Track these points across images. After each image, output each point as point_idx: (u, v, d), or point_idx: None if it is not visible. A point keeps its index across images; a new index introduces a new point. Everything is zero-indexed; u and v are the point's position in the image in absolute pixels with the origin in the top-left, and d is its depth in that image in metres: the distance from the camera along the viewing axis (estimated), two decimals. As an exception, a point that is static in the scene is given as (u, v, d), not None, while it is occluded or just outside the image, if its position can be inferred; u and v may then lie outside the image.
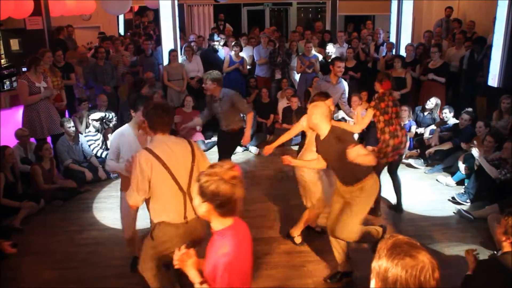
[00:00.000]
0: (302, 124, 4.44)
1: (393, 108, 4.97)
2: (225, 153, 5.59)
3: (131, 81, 7.85)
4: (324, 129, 3.57)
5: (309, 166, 4.15)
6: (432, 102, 7.27)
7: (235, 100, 5.25)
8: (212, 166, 2.06)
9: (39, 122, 6.23)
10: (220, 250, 2.00)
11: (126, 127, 3.88)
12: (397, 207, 5.40)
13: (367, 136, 7.54)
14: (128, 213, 3.89)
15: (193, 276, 2.13)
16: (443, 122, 7.09)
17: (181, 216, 3.05)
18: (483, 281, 2.64)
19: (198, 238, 3.17)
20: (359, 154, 3.24)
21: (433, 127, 7.18)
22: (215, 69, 5.68)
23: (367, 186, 3.62)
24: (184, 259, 2.16)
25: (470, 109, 6.78)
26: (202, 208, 2.02)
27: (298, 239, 4.65)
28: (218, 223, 2.06)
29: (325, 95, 4.43)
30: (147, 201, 3.12)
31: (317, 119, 3.55)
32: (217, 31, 10.92)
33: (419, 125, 7.40)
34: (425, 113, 7.41)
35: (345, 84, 6.17)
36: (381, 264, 1.47)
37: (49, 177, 5.88)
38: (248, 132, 5.42)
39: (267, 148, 4.63)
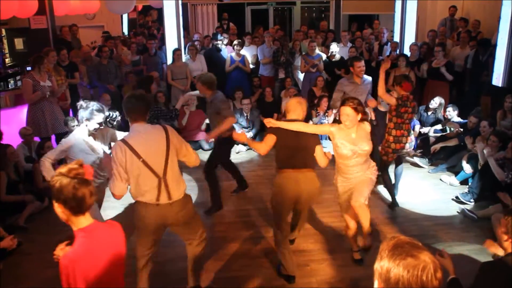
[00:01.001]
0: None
1: (409, 115, 5.07)
2: (217, 158, 5.44)
3: (134, 81, 7.83)
4: None
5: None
6: (436, 102, 7.25)
7: (219, 107, 5.03)
8: (62, 166, 2.07)
9: (43, 121, 6.27)
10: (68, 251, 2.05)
11: (78, 133, 3.86)
12: (392, 203, 5.47)
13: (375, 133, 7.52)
14: None
15: None
16: (448, 120, 7.07)
17: (153, 199, 3.18)
18: (487, 284, 2.61)
19: (173, 223, 3.32)
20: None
21: (437, 127, 7.16)
22: (218, 68, 5.62)
23: (274, 184, 4.00)
24: (61, 254, 2.21)
25: (479, 108, 6.72)
26: (56, 208, 2.05)
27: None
28: (73, 224, 2.07)
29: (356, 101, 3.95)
30: None
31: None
32: (221, 30, 10.92)
33: (423, 124, 7.39)
34: (429, 113, 7.39)
35: (370, 81, 6.09)
36: (383, 265, 1.47)
37: (52, 175, 5.87)
38: (217, 131, 5.06)
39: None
